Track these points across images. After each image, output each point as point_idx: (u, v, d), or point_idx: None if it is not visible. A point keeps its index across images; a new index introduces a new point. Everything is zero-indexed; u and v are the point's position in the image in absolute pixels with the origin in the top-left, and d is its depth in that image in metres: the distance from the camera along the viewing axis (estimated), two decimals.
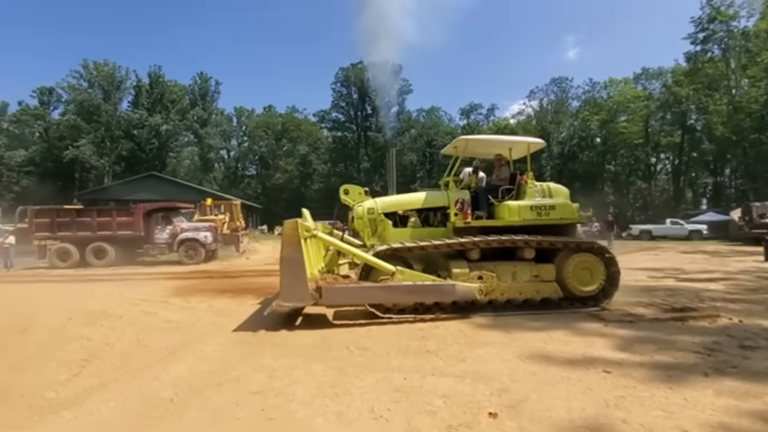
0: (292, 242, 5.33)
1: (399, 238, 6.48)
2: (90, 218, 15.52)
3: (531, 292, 6.24)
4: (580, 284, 6.35)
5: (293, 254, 5.30)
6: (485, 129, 57.69)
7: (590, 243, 6.67)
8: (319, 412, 3.11)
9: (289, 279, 5.29)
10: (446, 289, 5.77)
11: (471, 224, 6.54)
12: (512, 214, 6.50)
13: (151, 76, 51.72)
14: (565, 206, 6.72)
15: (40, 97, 53.30)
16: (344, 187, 7.37)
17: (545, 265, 6.39)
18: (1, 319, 6.59)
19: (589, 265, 6.40)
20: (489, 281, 6.05)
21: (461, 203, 6.58)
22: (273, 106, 61.75)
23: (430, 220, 6.97)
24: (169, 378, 3.86)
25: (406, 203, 7.03)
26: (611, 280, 6.43)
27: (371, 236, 6.72)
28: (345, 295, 5.65)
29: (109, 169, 48.41)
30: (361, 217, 6.76)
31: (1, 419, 3.11)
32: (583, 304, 6.34)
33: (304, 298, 5.30)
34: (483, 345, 4.68)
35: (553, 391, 3.39)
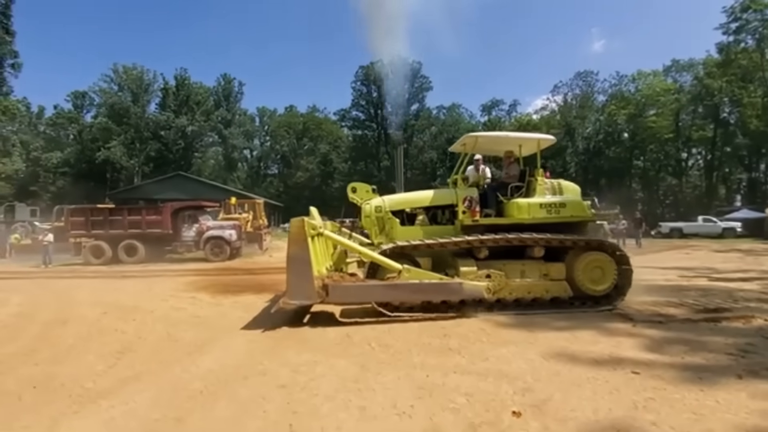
0: (298, 240, 5.35)
1: (407, 236, 6.44)
2: (121, 217, 16.14)
3: (540, 291, 6.15)
4: (591, 283, 6.24)
5: (300, 252, 5.32)
6: (507, 125, 56.74)
7: (601, 241, 6.56)
8: (342, 406, 3.17)
9: (295, 277, 5.31)
10: (453, 287, 5.73)
11: (479, 222, 6.48)
12: (522, 211, 6.44)
13: (177, 78, 53.25)
14: (576, 204, 6.63)
15: (74, 101, 55.61)
16: (352, 185, 7.37)
17: (555, 264, 6.30)
18: (43, 313, 6.96)
19: (600, 264, 6.29)
20: (497, 280, 5.99)
21: (469, 201, 6.50)
22: (294, 106, 62.55)
23: (438, 218, 6.91)
24: (198, 371, 4.00)
25: (414, 201, 6.98)
26: (624, 278, 6.30)
27: (379, 234, 6.68)
28: (351, 293, 5.66)
29: (138, 170, 50.12)
30: (368, 215, 6.74)
31: (44, 407, 3.29)
32: (595, 303, 6.21)
33: (311, 296, 5.31)
34: (505, 344, 4.64)
35: (578, 392, 3.34)
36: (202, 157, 56.48)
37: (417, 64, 56.84)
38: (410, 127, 55.86)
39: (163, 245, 16.43)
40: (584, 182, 47.58)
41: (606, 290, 6.26)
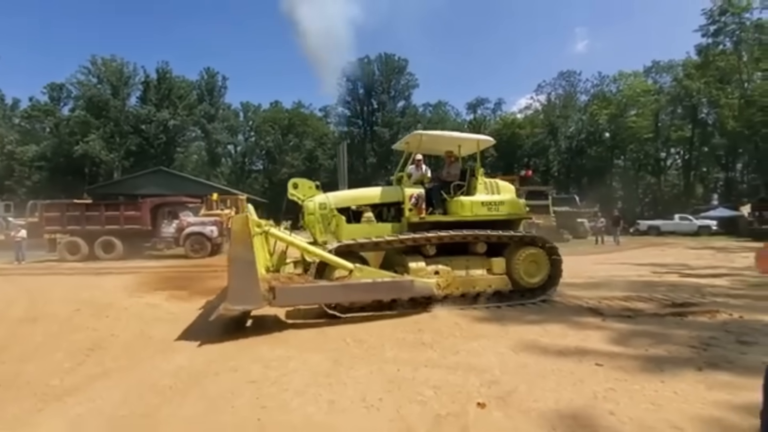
0: (242, 240, 4.86)
1: (354, 234, 6.31)
2: (98, 212, 15.77)
3: (483, 285, 6.38)
4: (528, 276, 6.58)
5: (244, 253, 4.82)
6: (492, 124, 57.27)
7: (535, 236, 6.83)
8: (311, 400, 3.20)
9: (238, 280, 4.80)
10: (405, 285, 5.70)
11: (425, 219, 6.54)
12: (465, 209, 6.66)
13: (158, 71, 52.02)
14: (513, 202, 7.00)
15: (51, 93, 53.88)
16: (293, 181, 7.07)
17: (496, 259, 6.57)
18: (13, 310, 6.79)
19: (535, 258, 6.64)
20: (446, 276, 6.09)
21: (416, 198, 6.54)
22: (279, 102, 61.79)
23: (383, 215, 6.87)
24: (169, 367, 3.97)
25: (360, 198, 6.89)
26: (555, 270, 6.74)
27: (324, 232, 6.50)
28: (301, 295, 5.32)
29: (118, 164, 48.92)
30: (312, 212, 6.52)
31: (8, 405, 3.23)
32: (532, 295, 6.59)
33: (256, 301, 4.85)
34: (478, 338, 4.73)
35: (542, 383, 3.44)
36: (185, 152, 55.45)
37: (403, 62, 56.91)
38: (396, 124, 55.86)
39: (142, 241, 16.14)
40: (566, 181, 48.61)
41: (540, 282, 6.66)
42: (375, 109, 57.47)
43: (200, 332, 5.19)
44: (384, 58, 56.38)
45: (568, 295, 7.03)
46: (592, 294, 7.13)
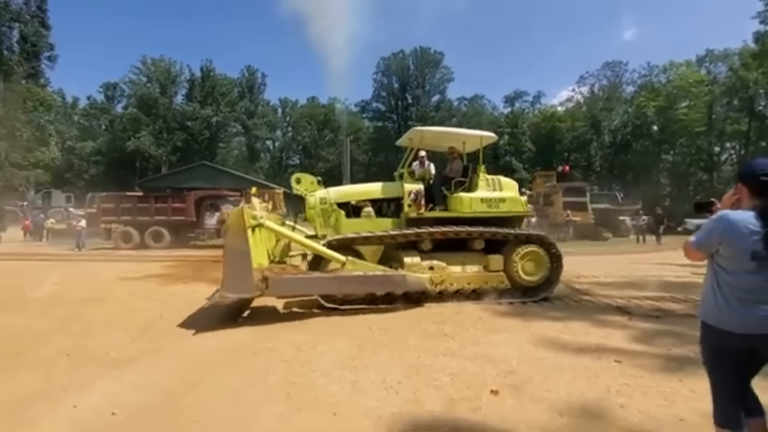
0: (237, 231, 5.10)
1: (352, 228, 6.41)
2: (148, 204, 16.98)
3: (479, 282, 6.37)
4: (525, 274, 6.49)
5: (238, 244, 5.05)
6: (531, 116, 55.68)
7: (535, 234, 6.72)
8: (336, 380, 3.48)
9: (233, 269, 5.03)
10: (397, 279, 5.75)
11: (423, 215, 6.56)
12: (464, 205, 6.63)
13: (202, 70, 54.45)
14: (513, 199, 6.89)
15: (106, 92, 57.65)
16: (296, 175, 7.26)
17: (493, 256, 6.53)
18: (76, 292, 7.57)
19: (534, 256, 6.55)
20: (440, 272, 6.12)
21: (415, 194, 6.57)
22: (316, 97, 62.91)
23: (383, 210, 6.94)
24: (212, 346, 4.40)
25: (360, 193, 6.99)
26: (555, 269, 6.62)
27: (323, 226, 6.64)
28: (293, 285, 5.48)
29: (165, 159, 51.77)
30: (313, 207, 6.68)
31: (74, 372, 3.74)
32: (531, 293, 6.50)
33: (250, 290, 5.03)
34: (499, 331, 4.86)
35: (558, 376, 3.54)
36: (226, 147, 57.78)
37: (439, 55, 56.35)
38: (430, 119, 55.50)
39: (187, 232, 17.23)
40: (609, 177, 46.57)
41: (540, 280, 6.54)
42: (409, 103, 57.36)
43: (239, 316, 5.63)
44: (419, 51, 56.06)
45: (597, 294, 6.97)
46: (622, 293, 7.01)
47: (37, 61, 39.99)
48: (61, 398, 3.19)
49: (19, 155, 36.72)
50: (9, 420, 2.87)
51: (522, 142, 51.21)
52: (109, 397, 3.19)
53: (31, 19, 38.95)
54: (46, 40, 40.28)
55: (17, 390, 3.36)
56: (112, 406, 3.04)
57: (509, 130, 52.40)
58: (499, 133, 52.18)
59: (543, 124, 51.52)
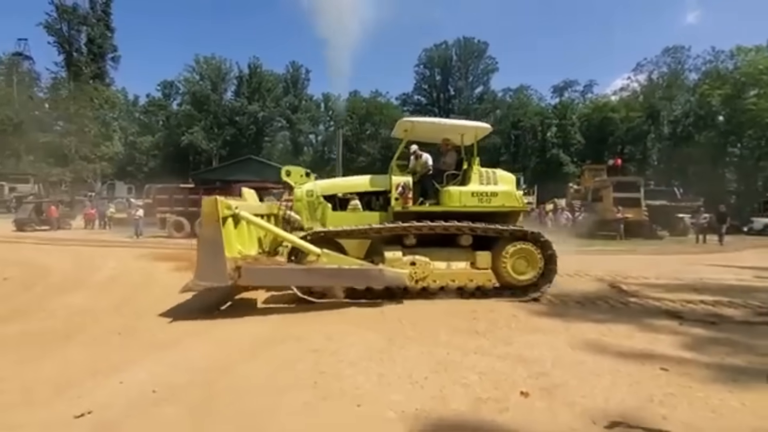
0: (210, 220, 5.13)
1: (338, 221, 6.34)
2: (198, 196, 17.89)
3: (464, 279, 6.10)
4: (515, 272, 6.18)
5: (211, 232, 5.09)
6: (581, 107, 52.90)
7: (525, 231, 6.32)
8: (363, 372, 3.51)
9: (206, 257, 5.06)
10: (373, 273, 5.61)
11: (409, 209, 6.35)
12: (453, 199, 6.37)
13: (250, 66, 56.51)
14: (507, 194, 6.52)
15: (163, 90, 61.32)
16: (286, 168, 7.20)
17: (481, 253, 6.20)
18: (131, 276, 8.16)
19: (525, 254, 6.21)
20: (421, 267, 5.92)
21: (402, 188, 6.36)
22: (358, 91, 63.39)
23: (372, 204, 6.80)
24: (246, 332, 4.58)
25: (347, 186, 6.90)
26: (549, 268, 6.25)
27: (309, 219, 6.56)
28: (266, 275, 5.43)
29: (216, 153, 54.42)
30: (299, 199, 6.63)
31: (125, 351, 4.02)
32: (520, 293, 6.21)
33: (222, 278, 4.99)
34: (534, 331, 4.68)
35: (595, 381, 3.36)
36: (272, 141, 59.73)
37: (483, 45, 54.84)
38: (473, 111, 54.26)
39: None
40: (668, 171, 43.35)
41: (531, 280, 6.20)
42: (451, 96, 56.44)
43: (273, 305, 5.82)
44: (462, 42, 54.85)
45: (646, 296, 6.54)
46: (674, 296, 6.52)
47: (103, 61, 43.19)
48: (110, 375, 3.44)
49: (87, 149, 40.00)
50: (63, 393, 3.14)
51: (571, 134, 48.82)
52: (152, 376, 3.40)
53: (97, 23, 42.09)
54: (110, 42, 43.41)
55: (73, 365, 3.67)
56: (153, 385, 3.24)
57: (557, 122, 50.18)
58: (546, 124, 50.53)
59: (594, 115, 48.72)
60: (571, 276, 8.43)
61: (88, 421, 2.72)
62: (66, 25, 41.12)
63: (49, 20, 40.26)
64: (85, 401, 2.97)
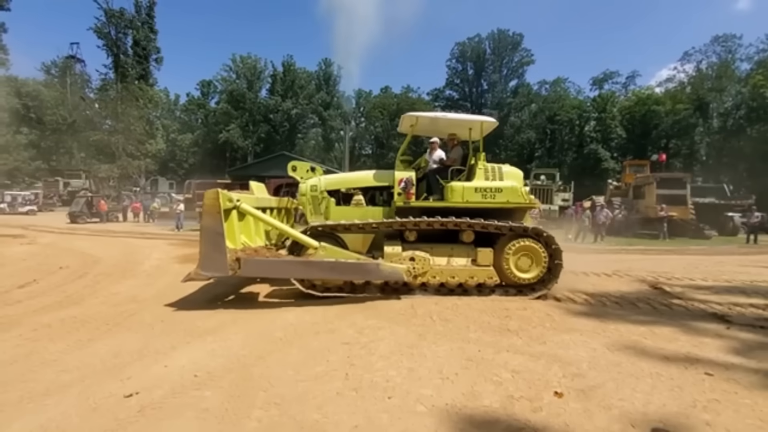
0: (212, 212, 5.23)
1: (341, 216, 6.36)
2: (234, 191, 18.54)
3: (464, 276, 5.98)
4: (518, 270, 6.05)
5: (212, 224, 5.20)
6: (623, 100, 50.56)
7: (532, 228, 6.11)
8: (393, 365, 3.54)
9: (208, 249, 5.16)
10: (370, 268, 5.61)
11: (411, 204, 6.30)
12: (456, 195, 6.27)
13: (284, 65, 57.69)
14: (512, 190, 6.33)
15: (202, 89, 63.72)
16: (292, 163, 7.37)
17: (482, 250, 6.05)
18: (175, 267, 8.56)
19: (529, 251, 6.06)
20: (421, 263, 5.85)
21: (405, 183, 6.32)
22: (389, 87, 63.40)
23: (375, 199, 6.80)
24: (281, 323, 4.72)
25: (351, 181, 6.89)
26: (553, 266, 6.06)
27: (313, 214, 6.64)
28: (264, 267, 5.50)
29: (251, 149, 56.06)
30: (304, 194, 6.71)
31: (166, 338, 4.25)
32: (520, 292, 6.07)
33: (223, 269, 5.13)
34: (569, 331, 4.55)
35: (634, 384, 3.24)
36: (304, 138, 60.82)
37: (518, 37, 53.40)
38: (507, 105, 53.04)
39: None
40: (717, 166, 40.75)
41: (535, 278, 6.06)
42: (484, 90, 55.40)
43: (308, 297, 5.94)
44: (496, 34, 53.63)
45: (691, 298, 6.20)
46: (721, 299, 6.15)
47: (147, 63, 45.32)
48: (155, 359, 3.66)
49: (133, 147, 42.23)
50: (114, 375, 3.36)
51: (611, 127, 46.80)
52: (192, 362, 3.58)
53: (141, 26, 44.16)
54: (153, 44, 45.46)
55: (122, 349, 3.91)
56: (194, 369, 3.41)
57: (596, 115, 48.27)
58: (584, 118, 48.65)
59: (636, 108, 46.43)
60: (609, 276, 8.12)
61: (135, 401, 2.90)
62: (113, 29, 43.42)
63: (98, 24, 42.67)
64: (133, 382, 3.18)
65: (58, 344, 4.05)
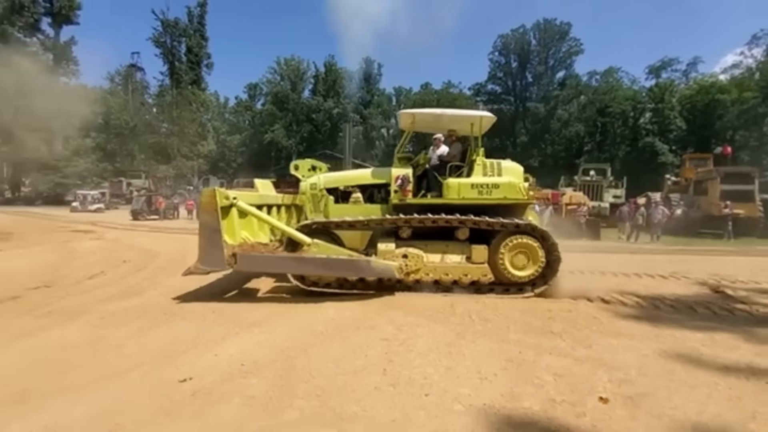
0: (209, 210, 5.44)
1: (340, 213, 6.39)
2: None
3: (458, 273, 5.93)
4: (513, 268, 5.94)
5: (209, 221, 5.42)
6: (683, 89, 47.00)
7: (527, 224, 6.00)
8: (431, 363, 3.56)
9: (206, 244, 5.43)
10: (361, 264, 5.65)
11: (406, 201, 6.26)
12: (451, 192, 6.20)
13: (326, 65, 58.79)
14: (509, 185, 6.20)
15: (249, 92, 66.38)
16: (294, 162, 7.53)
17: (476, 246, 5.98)
18: None
19: (525, 248, 5.95)
20: (413, 260, 5.83)
21: (401, 180, 6.27)
22: (429, 83, 62.80)
23: (374, 196, 6.80)
24: (322, 317, 4.87)
25: (349, 179, 6.93)
26: (551, 264, 5.92)
27: (313, 211, 6.71)
28: (259, 262, 5.69)
29: (294, 149, 57.72)
30: (304, 192, 6.81)
31: (217, 329, 4.52)
32: (520, 290, 5.97)
33: (221, 264, 5.42)
34: (618, 335, 4.35)
35: (688, 393, 3.05)
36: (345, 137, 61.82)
37: (566, 26, 51.08)
38: (553, 98, 50.92)
39: None
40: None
41: (531, 276, 5.93)
42: (529, 83, 53.49)
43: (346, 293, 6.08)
44: (542, 24, 51.57)
45: (756, 303, 5.72)
46: None
47: (199, 68, 47.90)
48: (206, 347, 3.91)
49: (187, 148, 44.84)
50: (170, 361, 3.64)
51: (669, 119, 43.64)
52: (241, 351, 3.79)
53: (194, 34, 46.70)
54: (205, 51, 47.94)
55: (177, 337, 4.21)
56: (242, 359, 3.61)
57: (652, 106, 45.18)
58: (639, 109, 45.71)
59: (698, 97, 42.97)
60: (665, 278, 7.64)
61: (189, 386, 3.13)
62: (169, 38, 46.24)
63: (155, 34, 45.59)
64: (187, 369, 3.42)
65: (122, 331, 4.43)
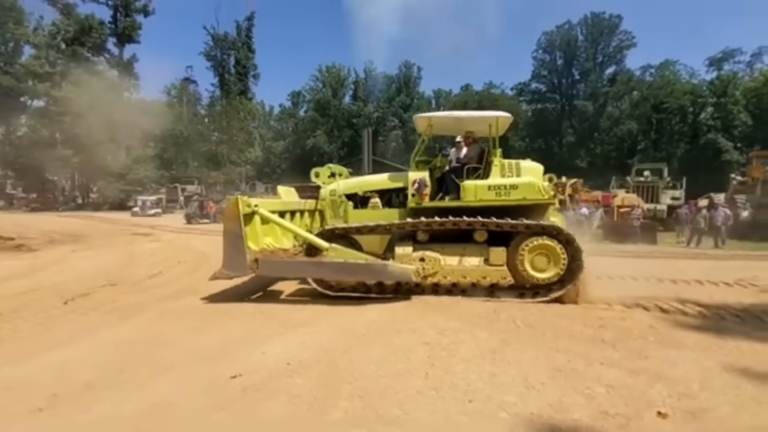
0: (231, 217, 5.68)
1: (359, 218, 6.42)
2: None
3: (476, 276, 5.86)
4: (534, 270, 5.76)
5: (233, 228, 5.65)
6: (747, 81, 43.23)
7: (545, 225, 5.81)
8: (474, 369, 3.50)
9: (229, 250, 5.66)
10: (378, 268, 5.71)
11: (423, 205, 6.25)
12: (468, 194, 6.13)
13: (365, 71, 59.70)
14: (529, 186, 6.04)
15: (292, 99, 68.59)
16: (315, 170, 7.66)
17: (495, 249, 5.86)
18: None
19: (546, 249, 5.75)
20: (431, 264, 5.78)
21: (418, 183, 6.25)
22: (470, 85, 61.89)
23: (392, 201, 6.77)
24: (364, 320, 4.93)
25: (368, 184, 6.96)
26: (573, 265, 5.69)
27: (333, 217, 6.77)
28: (280, 267, 5.91)
29: (336, 154, 58.89)
30: (323, 198, 6.91)
31: (265, 327, 4.70)
32: (539, 293, 5.79)
33: (243, 269, 5.61)
34: (677, 346, 4.06)
35: (756, 409, 2.82)
36: (385, 141, 62.15)
37: (616, 20, 48.61)
38: (603, 95, 48.53)
39: None
40: None
41: (552, 278, 5.74)
42: (576, 80, 51.32)
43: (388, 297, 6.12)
44: (589, 19, 49.37)
45: None
46: None
47: (246, 79, 50.15)
48: (255, 346, 4.08)
49: (236, 155, 47.03)
50: (221, 358, 3.83)
51: (733, 113, 40.24)
52: (286, 351, 3.92)
53: (242, 46, 48.99)
54: (252, 62, 50.16)
55: (228, 336, 4.43)
56: (287, 357, 3.74)
57: (714, 101, 41.92)
58: (699, 104, 42.55)
59: (764, 90, 39.30)
60: (730, 285, 7.05)
61: (239, 382, 3.28)
62: (219, 51, 48.77)
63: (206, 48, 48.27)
64: (237, 365, 3.58)
65: (177, 328, 4.73)
